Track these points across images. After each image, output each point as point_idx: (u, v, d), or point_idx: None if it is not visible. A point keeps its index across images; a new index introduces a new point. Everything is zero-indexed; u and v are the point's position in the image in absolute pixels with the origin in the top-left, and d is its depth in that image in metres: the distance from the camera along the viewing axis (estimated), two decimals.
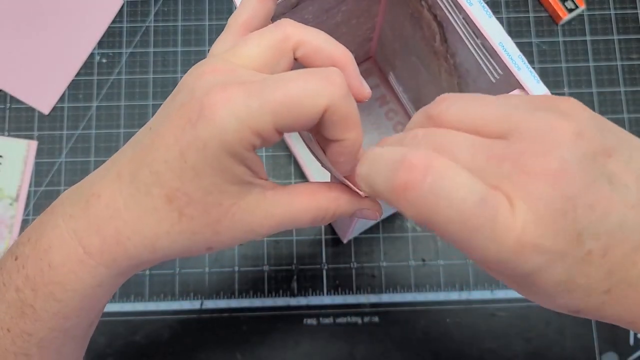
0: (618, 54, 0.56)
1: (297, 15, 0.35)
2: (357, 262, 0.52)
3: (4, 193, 0.54)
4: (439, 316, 0.51)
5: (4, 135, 0.55)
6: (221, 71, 0.22)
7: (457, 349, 0.50)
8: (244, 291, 0.52)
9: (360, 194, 0.25)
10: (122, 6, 0.58)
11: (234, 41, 0.24)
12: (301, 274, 0.52)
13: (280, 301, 0.52)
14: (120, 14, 0.58)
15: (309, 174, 0.49)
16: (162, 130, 0.22)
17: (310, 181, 0.49)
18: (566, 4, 0.56)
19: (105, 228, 0.23)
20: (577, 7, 0.56)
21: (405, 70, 0.47)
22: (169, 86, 0.56)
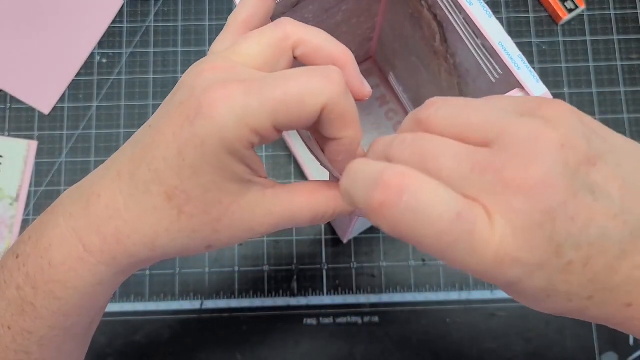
0: (618, 54, 0.56)
1: (298, 15, 0.35)
2: (357, 262, 0.52)
3: (4, 193, 0.54)
4: (438, 316, 0.51)
5: (4, 135, 0.55)
6: (221, 69, 0.22)
7: (457, 349, 0.50)
8: (244, 291, 0.52)
9: None
10: (122, 6, 0.58)
11: (234, 39, 0.24)
12: (301, 274, 0.52)
13: (280, 301, 0.52)
14: (120, 14, 0.58)
15: (308, 173, 0.49)
16: (161, 128, 0.22)
17: (309, 180, 0.49)
18: (566, 4, 0.56)
19: (105, 227, 0.23)
20: (577, 7, 0.56)
21: (405, 70, 0.47)
22: (169, 86, 0.56)
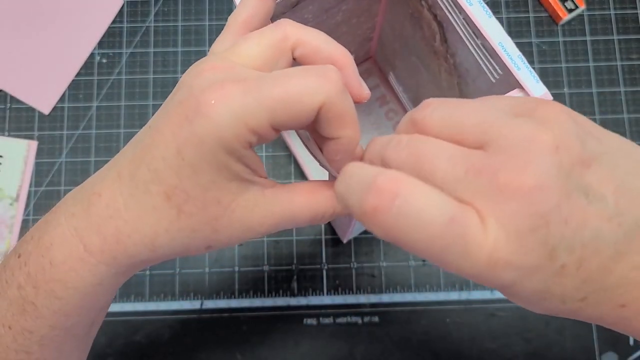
0: (618, 54, 0.56)
1: (297, 15, 0.35)
2: (357, 262, 0.52)
3: (4, 193, 0.54)
4: (438, 316, 0.51)
5: (4, 135, 0.55)
6: (220, 69, 0.22)
7: (456, 349, 0.50)
8: (244, 291, 0.52)
9: None
10: (122, 6, 0.58)
11: (234, 40, 0.24)
12: (301, 274, 0.52)
13: (280, 301, 0.52)
14: (120, 14, 0.58)
15: (309, 173, 0.49)
16: (161, 128, 0.22)
17: (309, 180, 0.49)
18: (566, 4, 0.56)
19: (105, 227, 0.23)
20: (577, 7, 0.56)
21: (405, 70, 0.47)
22: (169, 86, 0.56)
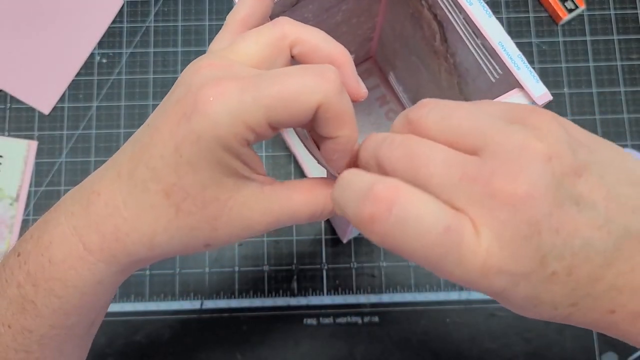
0: (618, 54, 0.56)
1: (297, 14, 0.35)
2: (357, 262, 0.52)
3: (4, 193, 0.54)
4: (438, 316, 0.51)
5: (4, 135, 0.55)
6: (218, 67, 0.22)
7: (456, 349, 0.50)
8: (244, 291, 0.52)
9: None
10: (122, 6, 0.58)
11: (232, 38, 0.24)
12: (301, 274, 0.52)
13: (280, 301, 0.52)
14: (120, 14, 0.58)
15: (308, 173, 0.49)
16: (159, 126, 0.22)
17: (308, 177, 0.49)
18: (566, 4, 0.56)
19: (104, 225, 0.23)
20: (577, 7, 0.56)
21: (405, 70, 0.47)
22: (169, 86, 0.56)
